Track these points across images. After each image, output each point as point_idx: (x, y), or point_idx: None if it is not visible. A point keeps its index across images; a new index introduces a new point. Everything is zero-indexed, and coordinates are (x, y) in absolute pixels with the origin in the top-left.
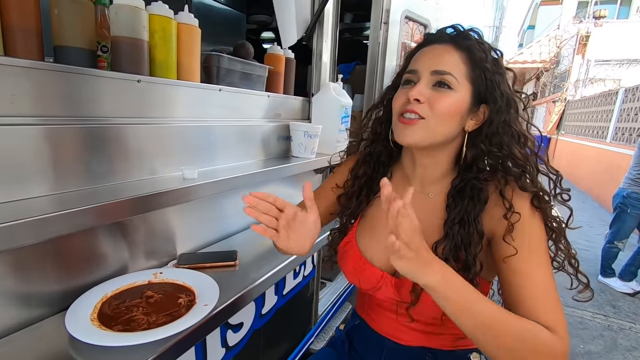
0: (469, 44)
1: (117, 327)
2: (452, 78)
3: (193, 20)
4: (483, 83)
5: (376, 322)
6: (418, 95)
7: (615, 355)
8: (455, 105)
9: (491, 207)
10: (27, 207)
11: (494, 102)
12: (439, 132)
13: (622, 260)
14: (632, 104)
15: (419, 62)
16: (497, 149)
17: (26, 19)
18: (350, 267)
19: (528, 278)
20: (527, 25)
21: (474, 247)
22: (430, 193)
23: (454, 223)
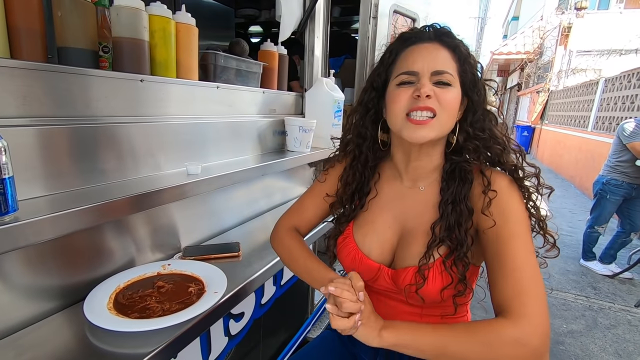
0: (454, 42)
1: (134, 315)
2: (450, 76)
3: (190, 20)
4: (468, 77)
5: (374, 305)
6: (429, 92)
7: (595, 333)
8: (456, 99)
9: (475, 186)
10: (40, 205)
11: (478, 94)
12: (448, 126)
13: (602, 245)
14: (611, 93)
15: (417, 63)
16: (482, 132)
17: (31, 21)
18: (348, 261)
19: (503, 260)
20: (511, 16)
21: (465, 222)
22: (421, 186)
23: (447, 204)
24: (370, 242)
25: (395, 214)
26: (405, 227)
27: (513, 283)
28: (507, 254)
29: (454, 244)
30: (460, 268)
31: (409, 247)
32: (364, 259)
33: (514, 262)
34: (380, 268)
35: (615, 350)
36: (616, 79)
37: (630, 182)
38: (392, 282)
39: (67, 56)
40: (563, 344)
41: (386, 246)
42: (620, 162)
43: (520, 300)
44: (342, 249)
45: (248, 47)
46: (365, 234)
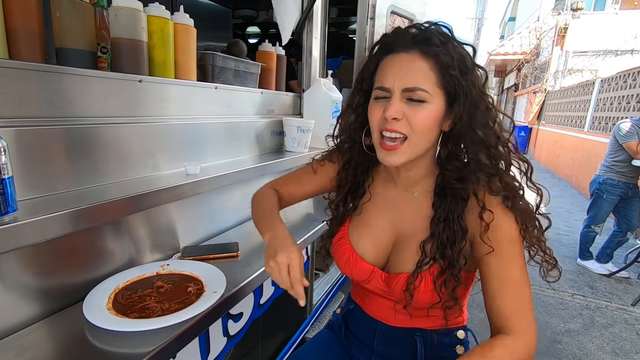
0: (435, 50)
1: (133, 315)
2: (424, 92)
3: (189, 20)
4: (452, 87)
5: (369, 307)
6: (395, 114)
7: (592, 331)
8: (431, 116)
9: (471, 206)
10: (39, 206)
11: (459, 106)
12: (422, 146)
13: (599, 244)
14: (607, 93)
15: (388, 78)
16: (463, 153)
17: (29, 22)
18: (342, 261)
19: (503, 280)
20: (508, 17)
21: (458, 243)
22: (415, 192)
23: (439, 221)
24: (365, 243)
25: (390, 218)
26: (399, 231)
27: (513, 300)
28: (507, 275)
29: (446, 263)
30: (449, 289)
31: (402, 252)
32: (358, 261)
33: (513, 280)
34: (374, 270)
35: (612, 349)
36: (612, 79)
37: (626, 182)
38: (385, 285)
39: (65, 57)
40: (560, 343)
41: (380, 249)
42: (616, 161)
43: (522, 316)
44: (337, 249)
45: (246, 48)
46: (360, 235)
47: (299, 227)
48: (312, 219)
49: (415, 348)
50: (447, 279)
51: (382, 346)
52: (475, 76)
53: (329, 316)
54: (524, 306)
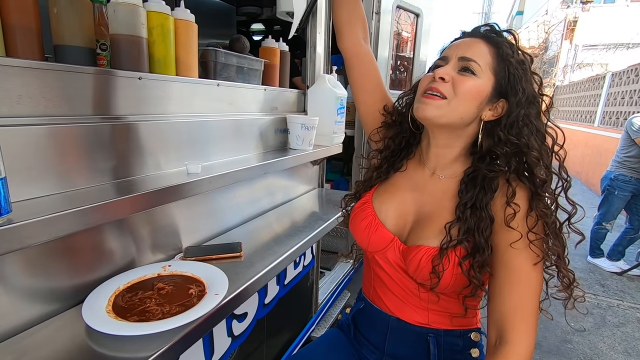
0: (498, 40)
1: (133, 318)
2: (477, 65)
3: (189, 16)
4: (505, 76)
5: (381, 298)
6: (444, 74)
7: (604, 331)
8: (476, 88)
9: (498, 196)
10: (35, 206)
11: (514, 95)
12: (457, 112)
13: (610, 241)
14: (618, 88)
15: (450, 50)
16: (516, 138)
17: (26, 18)
18: (363, 225)
19: (512, 273)
20: (515, 11)
21: (485, 230)
22: (441, 175)
23: (465, 207)
24: (387, 209)
25: (415, 197)
26: (421, 211)
27: (514, 296)
28: (518, 267)
29: (473, 248)
30: (478, 273)
31: (423, 228)
32: (380, 227)
33: (523, 276)
34: (394, 240)
35: (624, 349)
36: (623, 73)
37: (638, 178)
38: (402, 257)
39: (63, 54)
40: (571, 343)
41: (401, 220)
42: (628, 157)
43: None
44: (359, 214)
45: (249, 44)
46: (383, 201)
47: (304, 225)
48: (317, 218)
49: (428, 349)
50: (475, 263)
51: (394, 347)
52: (531, 80)
53: (334, 315)
54: (529, 308)
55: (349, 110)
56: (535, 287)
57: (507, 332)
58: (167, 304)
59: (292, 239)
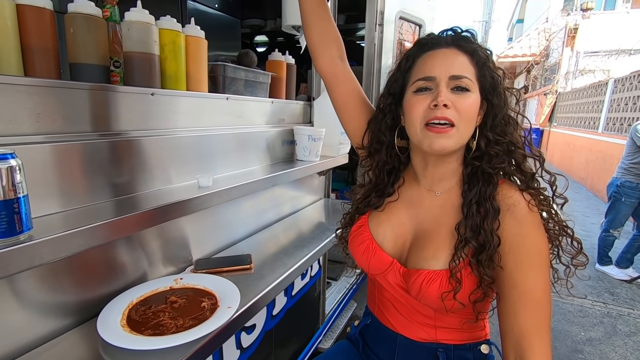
0: (471, 46)
1: (148, 332)
2: (469, 81)
3: (200, 32)
4: (487, 81)
5: (387, 318)
6: (447, 101)
7: (615, 340)
8: (475, 105)
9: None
10: (53, 223)
11: (499, 97)
12: (466, 135)
13: (618, 248)
14: (621, 94)
15: (434, 68)
16: (502, 137)
17: (44, 40)
18: (361, 249)
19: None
20: (516, 19)
21: (491, 222)
22: (437, 191)
23: (471, 203)
24: (384, 232)
25: (411, 215)
26: (419, 228)
27: (532, 317)
28: (530, 286)
29: (480, 245)
30: (488, 269)
31: (422, 249)
32: (378, 250)
33: (536, 294)
34: (393, 263)
35: (637, 359)
36: (626, 79)
37: None
38: (403, 279)
39: (79, 72)
40: (582, 353)
41: (399, 241)
42: (634, 163)
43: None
44: (356, 238)
45: (257, 58)
46: (379, 224)
47: (312, 237)
48: (324, 229)
49: None
50: (483, 259)
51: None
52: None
53: (341, 326)
54: (546, 328)
55: None
56: (549, 304)
57: (527, 353)
58: (181, 318)
59: (301, 250)
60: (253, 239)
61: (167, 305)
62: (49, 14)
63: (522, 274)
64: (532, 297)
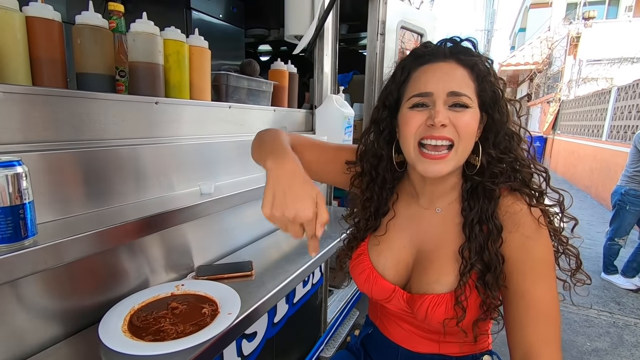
0: (471, 60)
1: (148, 338)
2: (467, 98)
3: (203, 43)
4: (488, 95)
5: (389, 330)
6: (444, 120)
7: (622, 351)
8: (474, 122)
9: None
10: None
11: (500, 112)
12: (465, 153)
13: (624, 257)
14: (625, 102)
15: (431, 84)
16: (507, 155)
17: (53, 50)
18: (362, 278)
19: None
20: (518, 28)
21: (495, 242)
22: (437, 208)
23: (473, 224)
24: (385, 260)
25: (411, 235)
26: (421, 249)
27: (540, 330)
28: (538, 297)
29: (485, 266)
30: (494, 291)
31: (425, 272)
32: (379, 279)
33: (544, 305)
34: (395, 290)
35: None
36: (629, 87)
37: None
38: (407, 305)
39: (85, 82)
40: None
41: (401, 266)
42: (638, 171)
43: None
44: (356, 266)
45: (259, 67)
46: (380, 252)
47: None
48: (326, 236)
49: None
50: (489, 281)
51: None
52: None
53: (343, 334)
54: (555, 339)
55: (356, 129)
56: (557, 315)
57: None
58: (181, 324)
59: (302, 257)
60: (254, 246)
61: (168, 311)
62: (57, 26)
63: (528, 284)
64: (540, 309)
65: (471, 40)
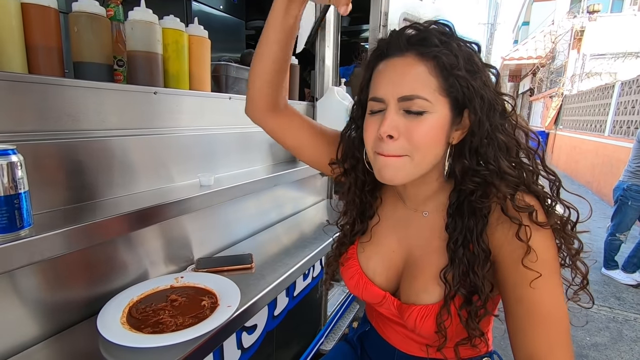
0: (434, 51)
1: (147, 330)
2: (423, 101)
3: (203, 32)
4: (459, 91)
5: (385, 332)
6: (391, 131)
7: (621, 346)
8: (435, 128)
9: (495, 222)
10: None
11: (474, 113)
12: (427, 163)
13: (624, 253)
14: (629, 97)
15: (382, 87)
16: (484, 166)
17: (49, 39)
18: (352, 283)
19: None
20: (521, 21)
21: (481, 268)
22: (424, 212)
23: (457, 246)
24: (375, 265)
25: (400, 238)
26: (410, 253)
27: (543, 336)
28: (540, 304)
29: (470, 291)
30: (476, 320)
31: (414, 280)
32: (369, 285)
33: (547, 312)
34: (386, 296)
35: None
36: (633, 82)
37: None
38: (398, 312)
39: (82, 71)
40: (587, 358)
41: (391, 272)
42: None
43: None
44: (346, 271)
45: None
46: (369, 256)
47: (313, 237)
48: (326, 230)
49: None
50: (473, 310)
51: None
52: (487, 76)
53: (343, 328)
54: (563, 344)
55: None
56: (562, 319)
57: None
58: (180, 316)
59: (302, 250)
60: (254, 239)
61: (167, 304)
62: (54, 13)
63: (525, 288)
64: (540, 313)
65: (445, 23)
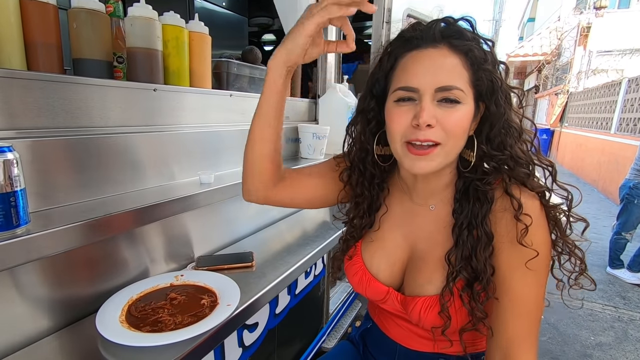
0: (467, 45)
1: (146, 328)
2: (459, 91)
3: (203, 29)
4: (484, 85)
5: (387, 328)
6: (431, 120)
7: (626, 346)
8: (467, 118)
9: (498, 209)
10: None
11: (497, 104)
12: (454, 153)
13: (630, 252)
14: (636, 94)
15: (417, 77)
16: (501, 152)
17: (48, 35)
18: (355, 280)
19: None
20: (527, 17)
21: (484, 251)
22: (431, 205)
23: (462, 229)
24: (379, 262)
25: (405, 233)
26: (415, 247)
27: (523, 324)
28: (525, 291)
29: (473, 275)
30: (479, 302)
31: (418, 273)
32: (372, 281)
33: (530, 300)
34: (389, 291)
35: None
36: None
37: None
38: (402, 307)
39: (82, 67)
40: (591, 357)
41: (396, 268)
42: None
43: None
44: (350, 267)
45: (261, 55)
46: (373, 253)
47: (315, 235)
48: (328, 227)
49: None
50: (475, 292)
51: None
52: (500, 71)
53: (345, 326)
54: (535, 334)
55: None
56: (540, 311)
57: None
58: (180, 315)
59: (304, 248)
60: (256, 237)
61: (167, 302)
62: (53, 9)
63: (515, 280)
64: (524, 304)
65: (467, 19)
